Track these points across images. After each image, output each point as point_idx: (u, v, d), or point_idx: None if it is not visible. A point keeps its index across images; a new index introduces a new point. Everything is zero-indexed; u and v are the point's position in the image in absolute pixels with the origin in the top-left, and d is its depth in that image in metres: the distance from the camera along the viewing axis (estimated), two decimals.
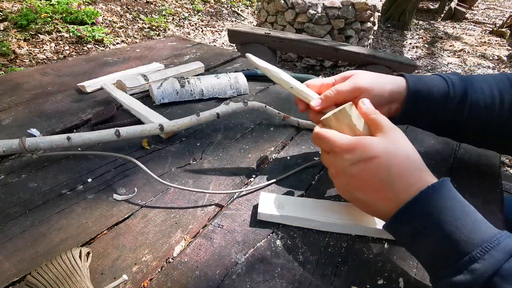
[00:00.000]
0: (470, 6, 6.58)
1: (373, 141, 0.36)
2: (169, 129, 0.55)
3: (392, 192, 0.34)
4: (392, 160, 0.34)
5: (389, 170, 0.34)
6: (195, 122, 0.56)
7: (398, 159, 0.35)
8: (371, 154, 0.35)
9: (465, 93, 0.46)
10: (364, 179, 0.36)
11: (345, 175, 0.37)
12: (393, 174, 0.34)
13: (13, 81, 0.76)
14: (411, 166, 0.35)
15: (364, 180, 0.36)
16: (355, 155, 0.36)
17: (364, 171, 0.35)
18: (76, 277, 0.32)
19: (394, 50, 4.12)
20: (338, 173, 0.38)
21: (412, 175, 0.34)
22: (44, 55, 2.66)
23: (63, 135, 0.50)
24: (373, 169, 0.35)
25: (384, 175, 0.34)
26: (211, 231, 0.42)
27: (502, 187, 0.53)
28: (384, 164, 0.34)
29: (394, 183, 0.34)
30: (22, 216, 0.42)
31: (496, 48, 4.52)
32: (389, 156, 0.35)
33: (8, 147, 0.47)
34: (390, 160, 0.34)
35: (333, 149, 0.38)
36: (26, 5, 3.16)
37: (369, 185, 0.35)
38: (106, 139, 0.52)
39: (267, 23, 3.29)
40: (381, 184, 0.35)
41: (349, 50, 2.54)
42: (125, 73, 0.79)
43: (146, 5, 4.15)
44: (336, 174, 0.39)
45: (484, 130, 0.48)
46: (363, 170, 0.35)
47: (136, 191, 0.47)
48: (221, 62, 0.97)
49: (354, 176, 0.36)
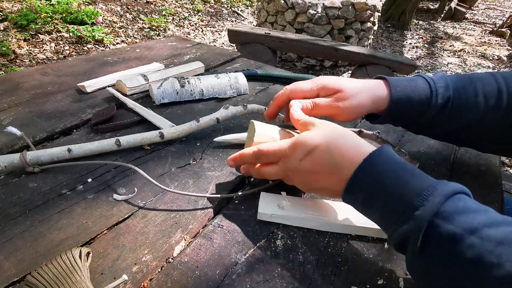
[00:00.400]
0: (470, 6, 6.58)
1: (309, 134, 0.39)
2: (169, 137, 0.56)
3: (340, 172, 0.37)
4: (331, 144, 0.38)
5: (331, 154, 0.37)
6: (195, 128, 0.57)
7: (336, 142, 0.38)
8: (311, 145, 0.38)
9: (447, 100, 0.47)
10: (314, 169, 0.38)
11: (299, 173, 0.40)
12: (335, 156, 0.37)
13: (13, 81, 0.76)
14: (348, 144, 0.38)
15: (315, 170, 0.38)
16: (299, 151, 0.39)
17: (311, 162, 0.38)
18: (76, 277, 0.32)
19: (394, 50, 4.12)
20: (293, 174, 0.41)
21: (352, 151, 0.37)
22: (44, 55, 2.66)
23: (64, 147, 0.50)
24: (317, 158, 0.38)
25: (328, 159, 0.37)
26: (211, 231, 0.42)
27: (502, 187, 0.54)
28: (325, 150, 0.37)
29: (339, 164, 0.37)
30: (22, 216, 0.42)
31: (496, 48, 4.52)
32: (327, 141, 0.38)
33: (10, 162, 0.47)
34: (329, 144, 0.38)
35: (280, 156, 0.41)
36: (26, 5, 3.16)
37: (320, 173, 0.38)
38: (107, 149, 0.53)
39: (267, 23, 3.29)
40: (329, 168, 0.37)
41: (349, 50, 2.54)
42: (125, 73, 0.79)
43: (146, 5, 4.15)
44: (292, 176, 0.41)
45: (465, 132, 0.50)
46: (310, 162, 0.38)
47: (136, 191, 0.47)
48: (221, 62, 0.97)
49: (306, 170, 0.39)
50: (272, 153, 0.42)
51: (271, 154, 0.42)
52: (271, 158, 0.42)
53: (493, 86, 0.47)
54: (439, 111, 0.47)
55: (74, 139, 0.58)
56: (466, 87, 0.47)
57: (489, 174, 0.56)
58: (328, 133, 0.39)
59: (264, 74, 0.85)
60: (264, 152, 0.42)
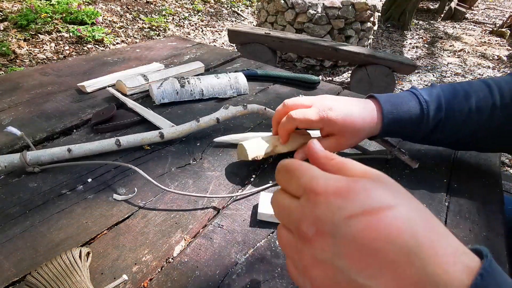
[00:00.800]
0: (470, 6, 6.58)
1: (376, 186, 0.22)
2: (169, 137, 0.56)
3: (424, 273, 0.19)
4: (414, 215, 0.20)
5: (413, 230, 0.20)
6: (195, 128, 0.58)
7: (422, 215, 0.21)
8: (380, 203, 0.21)
9: (439, 121, 0.48)
10: (371, 246, 0.20)
11: (337, 239, 0.21)
12: (420, 238, 0.19)
13: (13, 81, 0.76)
14: (439, 229, 0.21)
15: (372, 248, 0.20)
16: (353, 202, 0.21)
17: (370, 229, 0.20)
18: (76, 277, 0.32)
19: (394, 50, 4.12)
20: (320, 235, 0.21)
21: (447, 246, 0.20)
22: (44, 55, 2.66)
23: (64, 147, 0.50)
24: (387, 227, 0.20)
25: (407, 238, 0.19)
26: (211, 231, 0.42)
27: (502, 187, 0.54)
28: (404, 218, 0.20)
29: (424, 255, 0.19)
30: (22, 216, 0.42)
31: (496, 48, 4.52)
32: (408, 208, 0.21)
33: (10, 162, 0.47)
34: (411, 213, 0.20)
35: (310, 190, 0.22)
36: (26, 5, 3.16)
37: (381, 256, 0.19)
38: (107, 149, 0.53)
39: (267, 23, 3.29)
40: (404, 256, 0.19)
41: (349, 50, 2.54)
42: (125, 73, 0.79)
43: (146, 5, 4.15)
44: (314, 240, 0.22)
45: (461, 142, 0.52)
46: (368, 228, 0.20)
47: (136, 191, 0.47)
48: (221, 62, 0.97)
49: (353, 241, 0.20)
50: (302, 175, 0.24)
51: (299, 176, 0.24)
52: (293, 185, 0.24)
53: (487, 100, 0.48)
54: (431, 130, 0.49)
55: (74, 139, 0.58)
56: (460, 104, 0.48)
57: (489, 174, 0.56)
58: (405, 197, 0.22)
59: (264, 74, 0.85)
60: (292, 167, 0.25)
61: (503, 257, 0.41)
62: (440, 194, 0.51)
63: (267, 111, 0.61)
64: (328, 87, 0.85)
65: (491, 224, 0.46)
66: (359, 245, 0.20)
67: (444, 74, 3.52)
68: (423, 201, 0.49)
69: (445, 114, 0.48)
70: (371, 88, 2.61)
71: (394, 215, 0.20)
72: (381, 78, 2.57)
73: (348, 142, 0.48)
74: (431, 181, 0.53)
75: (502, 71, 3.70)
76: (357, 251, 0.20)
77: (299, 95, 0.57)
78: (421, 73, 3.50)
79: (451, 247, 0.20)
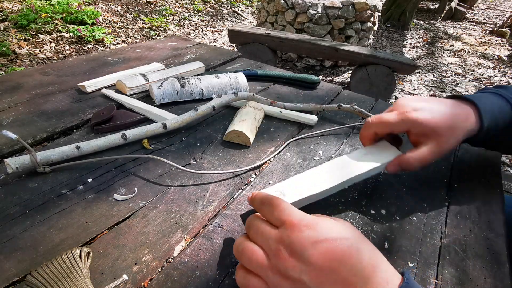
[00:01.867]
0: (470, 6, 6.58)
1: (337, 223, 0.30)
2: (172, 127, 0.58)
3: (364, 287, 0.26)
4: (362, 246, 0.28)
5: (360, 257, 0.27)
6: (194, 117, 0.61)
7: (367, 246, 0.28)
8: (338, 234, 0.28)
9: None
10: (329, 265, 0.27)
11: (304, 258, 0.28)
12: (364, 263, 0.27)
13: (13, 81, 0.76)
14: (379, 257, 0.28)
15: (329, 267, 0.27)
16: (319, 232, 0.28)
17: (329, 252, 0.27)
18: (76, 277, 0.32)
19: (394, 50, 4.12)
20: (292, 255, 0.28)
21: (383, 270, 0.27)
22: (44, 55, 2.66)
23: (72, 145, 0.51)
24: (341, 252, 0.27)
25: (355, 262, 0.27)
26: (211, 231, 0.42)
27: (503, 187, 0.53)
28: (354, 247, 0.28)
29: (366, 276, 0.26)
30: (22, 216, 0.42)
31: (497, 48, 4.51)
32: (358, 240, 0.28)
33: (21, 163, 0.47)
34: (360, 245, 0.28)
35: (289, 221, 0.30)
36: (27, 5, 3.17)
37: (335, 274, 0.27)
38: (114, 144, 0.54)
39: (267, 23, 3.29)
40: (352, 276, 0.26)
41: (349, 50, 2.54)
42: (125, 73, 0.79)
43: (146, 5, 4.15)
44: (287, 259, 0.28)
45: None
46: (328, 251, 0.27)
47: (136, 191, 0.47)
48: (221, 62, 0.97)
49: (316, 261, 0.27)
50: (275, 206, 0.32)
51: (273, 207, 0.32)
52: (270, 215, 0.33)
53: None
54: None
55: (74, 139, 0.58)
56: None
57: (490, 174, 0.56)
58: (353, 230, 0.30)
59: (264, 74, 0.85)
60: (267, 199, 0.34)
61: (504, 257, 0.41)
62: (440, 194, 0.51)
63: (255, 97, 0.67)
64: (328, 87, 0.85)
65: (491, 224, 0.46)
66: (319, 265, 0.27)
67: (444, 74, 3.52)
68: (423, 201, 0.49)
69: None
70: (371, 88, 2.61)
71: (347, 244, 0.27)
72: (381, 78, 2.57)
73: (449, 144, 0.43)
74: (431, 181, 0.53)
75: (502, 71, 3.70)
76: (318, 269, 0.27)
77: (298, 95, 0.57)
78: (421, 73, 3.50)
79: (386, 272, 0.27)
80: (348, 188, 0.48)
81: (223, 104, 0.64)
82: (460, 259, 0.40)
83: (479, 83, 3.36)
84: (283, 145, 0.60)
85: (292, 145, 0.60)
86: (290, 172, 0.53)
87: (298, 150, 0.59)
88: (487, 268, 0.39)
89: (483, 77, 3.51)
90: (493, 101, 0.46)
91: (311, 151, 0.59)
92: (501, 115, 0.45)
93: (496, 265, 0.40)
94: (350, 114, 0.71)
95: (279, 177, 0.52)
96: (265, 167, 0.54)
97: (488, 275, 0.38)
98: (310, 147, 0.60)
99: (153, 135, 0.58)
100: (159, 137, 0.59)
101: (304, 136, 0.62)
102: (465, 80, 3.41)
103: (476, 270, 0.39)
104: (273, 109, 0.67)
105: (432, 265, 0.39)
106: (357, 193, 0.49)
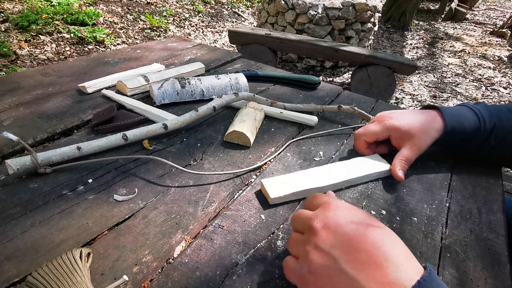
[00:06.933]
0: (470, 6, 6.58)
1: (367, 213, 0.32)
2: (172, 127, 0.58)
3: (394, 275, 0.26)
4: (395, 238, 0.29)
5: (393, 246, 0.28)
6: (195, 117, 0.60)
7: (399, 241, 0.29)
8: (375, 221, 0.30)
9: (493, 126, 0.51)
10: (361, 246, 0.28)
11: (337, 234, 0.29)
12: (396, 252, 0.28)
13: (14, 81, 0.76)
14: (407, 251, 0.29)
15: (361, 248, 0.28)
16: (357, 215, 0.31)
17: (364, 235, 0.29)
18: (76, 277, 0.32)
19: (394, 51, 4.12)
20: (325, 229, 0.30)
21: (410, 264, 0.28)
22: (45, 56, 2.66)
23: (73, 146, 0.51)
24: (376, 237, 0.28)
25: (389, 249, 0.28)
26: (211, 232, 0.42)
27: (503, 188, 0.53)
28: (388, 236, 0.29)
29: (397, 263, 0.27)
30: (23, 216, 0.42)
31: (497, 49, 4.51)
32: (391, 233, 0.30)
33: (22, 164, 0.47)
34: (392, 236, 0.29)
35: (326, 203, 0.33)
36: (27, 6, 3.17)
37: (367, 256, 0.27)
38: (115, 144, 0.54)
39: (267, 24, 3.29)
40: (384, 261, 0.27)
41: (350, 51, 2.54)
42: (126, 74, 0.80)
43: (147, 6, 4.16)
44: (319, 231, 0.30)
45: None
46: (363, 234, 0.29)
47: (137, 192, 0.47)
48: (222, 63, 0.97)
49: (349, 239, 0.29)
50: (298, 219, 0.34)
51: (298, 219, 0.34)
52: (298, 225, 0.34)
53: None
54: (486, 137, 0.52)
55: (75, 139, 0.58)
56: (507, 115, 0.52)
57: (490, 174, 0.56)
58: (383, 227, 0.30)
59: (264, 74, 0.85)
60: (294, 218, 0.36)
61: (504, 258, 0.41)
62: (441, 194, 0.51)
63: (256, 97, 0.67)
64: (328, 87, 0.85)
65: (492, 224, 0.46)
66: (353, 243, 0.28)
67: (445, 75, 3.52)
68: (423, 201, 0.49)
69: (496, 121, 0.51)
70: (371, 88, 2.60)
71: (382, 232, 0.29)
72: (382, 79, 2.57)
73: (423, 141, 0.51)
74: (432, 181, 0.53)
75: (502, 72, 3.70)
76: (350, 246, 0.28)
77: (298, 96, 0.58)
78: (421, 73, 3.50)
79: (415, 262, 0.28)
80: (348, 189, 0.50)
81: (223, 104, 0.64)
82: (461, 260, 0.40)
83: (479, 83, 3.35)
84: (283, 145, 0.60)
85: (292, 146, 0.60)
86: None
87: (298, 150, 0.59)
88: (488, 269, 0.39)
89: (484, 77, 3.51)
90: (457, 108, 0.54)
91: (312, 151, 0.59)
92: (465, 118, 0.52)
93: (497, 266, 0.40)
94: (350, 115, 0.71)
95: None
96: (266, 168, 0.54)
97: (489, 276, 0.38)
98: (310, 147, 0.60)
99: (153, 135, 0.57)
100: (159, 138, 0.59)
101: (304, 136, 0.62)
102: (465, 80, 3.41)
103: (476, 271, 0.39)
104: (273, 110, 0.67)
105: (433, 265, 0.39)
106: (358, 194, 0.49)
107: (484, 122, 0.51)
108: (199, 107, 0.61)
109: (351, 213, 0.31)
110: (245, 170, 0.52)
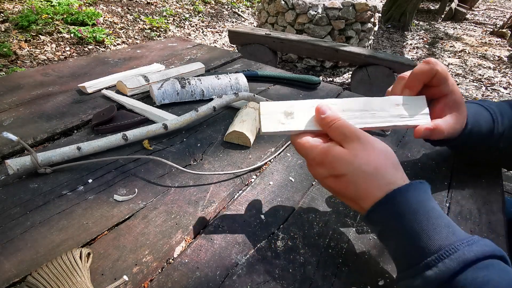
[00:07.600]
0: (470, 6, 6.58)
1: (339, 157, 0.35)
2: (172, 127, 0.58)
3: (361, 202, 0.35)
4: (359, 175, 0.34)
5: (356, 184, 0.34)
6: (195, 118, 0.60)
7: (365, 173, 0.34)
8: (339, 172, 0.35)
9: (505, 128, 0.48)
10: (336, 191, 0.37)
11: (323, 184, 0.38)
12: (360, 188, 0.34)
13: (14, 81, 0.76)
14: (377, 179, 0.34)
15: (336, 191, 0.37)
16: (324, 169, 0.36)
17: (335, 184, 0.36)
18: (76, 277, 0.32)
19: (394, 51, 4.12)
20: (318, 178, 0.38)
21: (378, 183, 0.34)
22: (45, 56, 2.66)
23: (73, 146, 0.51)
24: (342, 184, 0.36)
25: (352, 190, 0.35)
26: (211, 232, 0.42)
27: (503, 188, 0.53)
28: (351, 180, 0.35)
29: (361, 196, 0.34)
30: (23, 216, 0.42)
31: (497, 49, 4.51)
32: (356, 172, 0.34)
33: (22, 164, 0.47)
34: (357, 176, 0.34)
35: (307, 160, 0.39)
36: (27, 6, 3.17)
37: (342, 196, 0.37)
38: (115, 144, 0.54)
39: (267, 24, 3.29)
40: (350, 197, 0.36)
41: (350, 51, 2.54)
42: (126, 74, 0.80)
43: (147, 6, 4.16)
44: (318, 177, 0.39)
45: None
46: (334, 184, 0.36)
47: (137, 192, 0.47)
48: (222, 63, 0.97)
49: (327, 186, 0.38)
50: (303, 150, 0.38)
51: (301, 151, 0.38)
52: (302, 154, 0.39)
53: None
54: (497, 139, 0.49)
55: (75, 139, 0.58)
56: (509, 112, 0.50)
57: (490, 175, 0.56)
58: (358, 162, 0.34)
59: (264, 75, 0.85)
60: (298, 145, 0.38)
61: None
62: (441, 195, 0.51)
63: (256, 97, 0.67)
64: (328, 87, 0.85)
65: (492, 225, 0.45)
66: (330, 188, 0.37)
67: None
68: None
69: (508, 123, 0.49)
70: (371, 88, 2.60)
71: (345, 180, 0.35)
72: (382, 79, 2.57)
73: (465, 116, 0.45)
74: (432, 181, 0.53)
75: (502, 72, 3.70)
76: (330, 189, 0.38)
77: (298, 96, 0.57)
78: None
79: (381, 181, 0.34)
80: None
81: (223, 104, 0.64)
82: None
83: (479, 83, 3.35)
84: (283, 146, 0.60)
85: (292, 146, 0.60)
86: (290, 172, 0.53)
87: None
88: None
89: (484, 77, 3.51)
90: (473, 106, 0.49)
91: None
92: (482, 118, 0.48)
93: None
94: None
95: (280, 178, 0.52)
96: (266, 168, 0.54)
97: None
98: None
99: (153, 135, 0.57)
100: (159, 138, 0.59)
101: None
102: (465, 80, 3.41)
103: None
104: None
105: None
106: None
107: (497, 120, 0.48)
108: (199, 107, 0.61)
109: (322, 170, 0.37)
110: (245, 170, 0.52)
